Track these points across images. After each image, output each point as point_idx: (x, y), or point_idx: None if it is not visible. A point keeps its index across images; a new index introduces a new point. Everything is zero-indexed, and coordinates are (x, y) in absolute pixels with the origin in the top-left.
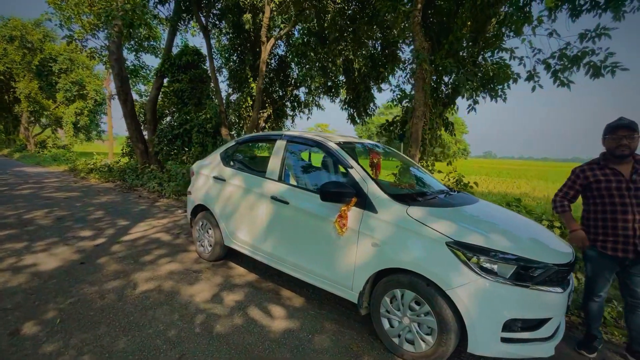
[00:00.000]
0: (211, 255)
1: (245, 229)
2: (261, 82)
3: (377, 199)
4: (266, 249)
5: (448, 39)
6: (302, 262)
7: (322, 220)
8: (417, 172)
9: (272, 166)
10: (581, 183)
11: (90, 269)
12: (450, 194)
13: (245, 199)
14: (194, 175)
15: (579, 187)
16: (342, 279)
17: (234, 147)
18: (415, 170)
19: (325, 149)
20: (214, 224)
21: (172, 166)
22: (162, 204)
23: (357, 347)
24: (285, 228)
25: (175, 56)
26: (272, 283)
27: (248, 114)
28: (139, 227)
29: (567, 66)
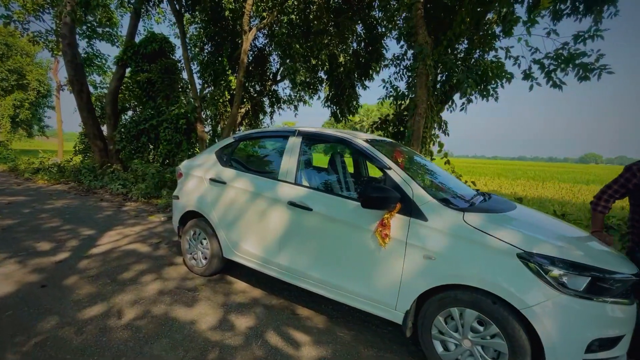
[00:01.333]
0: (206, 270)
1: (252, 239)
2: (242, 74)
3: (425, 204)
4: (282, 263)
5: (446, 35)
6: (330, 278)
7: (357, 230)
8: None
9: (286, 167)
10: (636, 182)
11: (55, 294)
12: (486, 198)
13: (253, 205)
14: (183, 177)
15: (632, 186)
16: (384, 296)
17: (233, 145)
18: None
19: (353, 147)
20: (210, 234)
21: (139, 165)
22: (130, 209)
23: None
24: (308, 238)
25: (140, 44)
26: (283, 299)
27: (225, 109)
28: (109, 236)
29: (561, 67)
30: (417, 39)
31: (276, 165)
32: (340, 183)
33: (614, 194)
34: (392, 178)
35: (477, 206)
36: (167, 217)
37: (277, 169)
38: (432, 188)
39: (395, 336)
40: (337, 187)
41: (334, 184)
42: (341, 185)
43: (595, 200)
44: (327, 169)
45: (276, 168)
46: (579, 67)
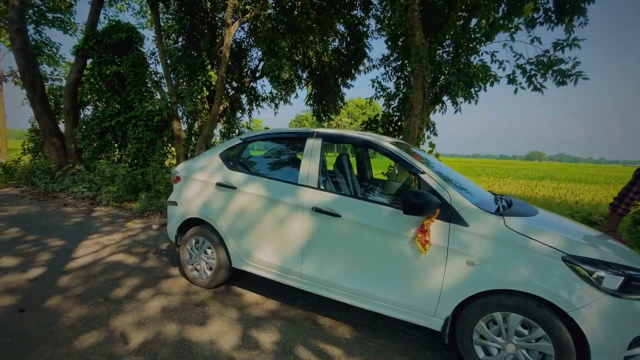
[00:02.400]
0: (212, 281)
1: (269, 248)
2: (224, 70)
3: (465, 209)
4: (306, 272)
5: (437, 37)
6: (361, 287)
7: (392, 236)
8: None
9: (306, 170)
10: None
11: (40, 319)
12: (508, 201)
13: (270, 211)
14: (181, 181)
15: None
16: (422, 304)
17: (240, 147)
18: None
19: (381, 151)
20: (217, 242)
21: (106, 166)
22: (101, 214)
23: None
24: (336, 246)
25: (103, 33)
26: (300, 309)
27: (204, 106)
28: (85, 247)
29: (541, 72)
30: (413, 40)
31: (293, 169)
32: (371, 187)
33: (635, 196)
34: (428, 183)
35: (511, 210)
36: (161, 225)
37: (296, 173)
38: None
39: (425, 342)
40: (366, 192)
41: (362, 189)
42: (371, 190)
43: (616, 202)
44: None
45: (294, 172)
46: (557, 73)
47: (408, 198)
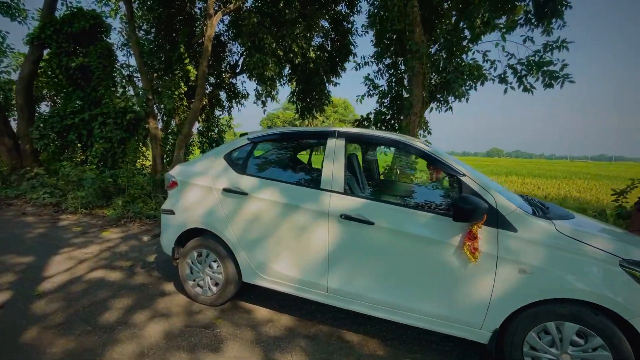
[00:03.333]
0: (218, 298)
1: (287, 260)
2: (205, 64)
3: (512, 214)
4: (332, 285)
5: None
6: (396, 300)
7: (434, 245)
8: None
9: (330, 174)
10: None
11: (17, 357)
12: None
13: (288, 219)
14: (178, 186)
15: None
16: (468, 316)
17: (248, 148)
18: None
19: (415, 151)
20: (224, 255)
21: (71, 169)
22: (70, 223)
23: None
24: (368, 256)
25: (63, 20)
26: (321, 324)
27: (181, 102)
28: (57, 264)
29: (532, 72)
30: (413, 37)
31: (312, 172)
32: (405, 191)
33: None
34: (470, 186)
35: (554, 213)
36: (153, 236)
37: (316, 176)
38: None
39: (461, 353)
40: (401, 196)
41: (396, 193)
42: (406, 195)
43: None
44: (382, 175)
45: (313, 175)
46: (546, 75)
47: (459, 204)
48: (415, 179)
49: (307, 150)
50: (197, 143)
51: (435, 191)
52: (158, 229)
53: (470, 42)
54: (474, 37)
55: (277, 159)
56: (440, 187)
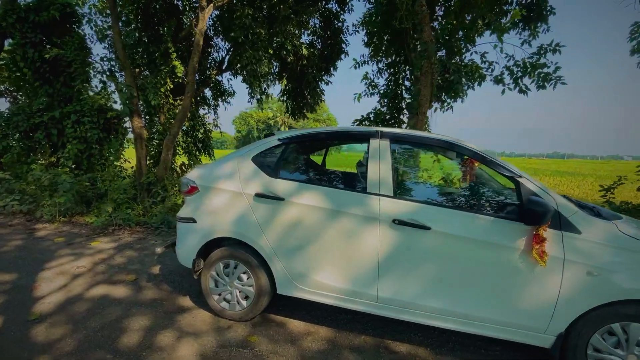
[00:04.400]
0: (249, 312)
1: (332, 269)
2: (196, 59)
3: (574, 215)
4: (383, 294)
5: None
6: (455, 307)
7: (500, 249)
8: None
9: (376, 176)
10: None
11: None
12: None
13: (333, 226)
14: (199, 192)
15: None
16: (532, 321)
17: (279, 149)
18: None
19: (469, 153)
20: (255, 265)
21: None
22: (50, 233)
23: None
24: (423, 263)
25: (28, 8)
26: (363, 335)
27: (167, 100)
28: (47, 281)
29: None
30: (422, 36)
31: (354, 175)
32: (459, 194)
33: None
34: (529, 188)
35: (609, 214)
36: (167, 247)
37: (359, 179)
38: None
39: (511, 357)
40: (449, 198)
41: (445, 196)
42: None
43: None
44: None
45: (356, 178)
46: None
47: (531, 206)
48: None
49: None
50: (181, 143)
51: (488, 193)
52: (171, 239)
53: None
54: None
55: (312, 160)
56: (492, 188)
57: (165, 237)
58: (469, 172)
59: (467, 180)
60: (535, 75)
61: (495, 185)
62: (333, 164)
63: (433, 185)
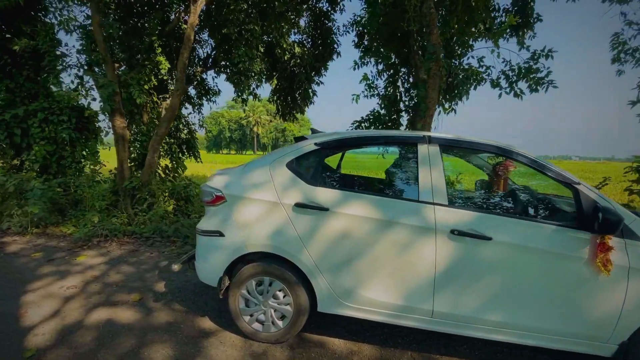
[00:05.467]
0: (286, 334)
1: (383, 283)
2: (187, 55)
3: (635, 222)
4: (440, 309)
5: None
6: (517, 320)
7: (564, 259)
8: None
9: (428, 184)
10: None
11: None
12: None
13: (385, 237)
14: (226, 201)
15: None
16: (594, 330)
17: (317, 154)
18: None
19: (525, 160)
20: (293, 282)
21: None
22: (23, 248)
23: None
24: (483, 275)
25: None
26: (409, 351)
27: (151, 98)
28: (35, 306)
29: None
30: (430, 39)
31: (403, 182)
32: (517, 202)
33: None
34: (588, 195)
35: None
36: (184, 262)
37: (409, 187)
38: None
39: None
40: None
41: (507, 204)
42: (521, 205)
43: None
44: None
45: (406, 186)
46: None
47: (605, 215)
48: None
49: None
50: (163, 145)
51: (544, 200)
52: (189, 253)
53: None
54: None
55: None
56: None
57: (160, 248)
58: (503, 179)
59: (500, 188)
60: (531, 80)
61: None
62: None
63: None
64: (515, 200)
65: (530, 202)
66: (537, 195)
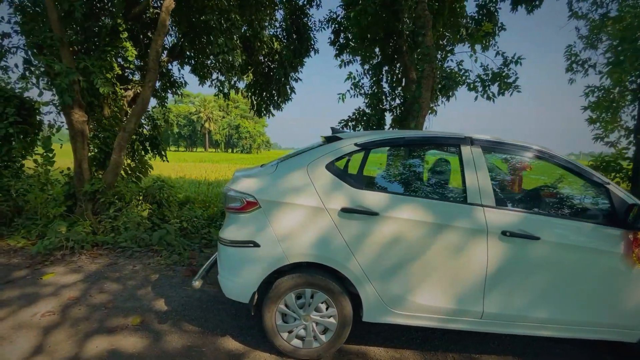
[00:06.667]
0: (329, 348)
1: (433, 288)
2: (161, 42)
3: None
4: (490, 310)
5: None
6: (561, 315)
7: (603, 255)
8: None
9: (475, 186)
10: None
11: None
12: None
13: (437, 241)
14: (259, 207)
15: None
16: (623, 319)
17: (359, 156)
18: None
19: (556, 162)
20: (338, 292)
21: None
22: None
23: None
24: (531, 274)
25: None
26: (448, 352)
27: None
28: (8, 342)
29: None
30: (425, 40)
31: (448, 184)
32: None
33: None
34: (617, 194)
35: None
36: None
37: (454, 189)
38: None
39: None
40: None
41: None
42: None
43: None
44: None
45: (450, 188)
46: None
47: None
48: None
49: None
50: None
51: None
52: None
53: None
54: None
55: (398, 168)
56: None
57: (142, 260)
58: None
59: (516, 188)
60: (504, 85)
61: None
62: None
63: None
64: (554, 200)
65: (567, 201)
66: (572, 195)
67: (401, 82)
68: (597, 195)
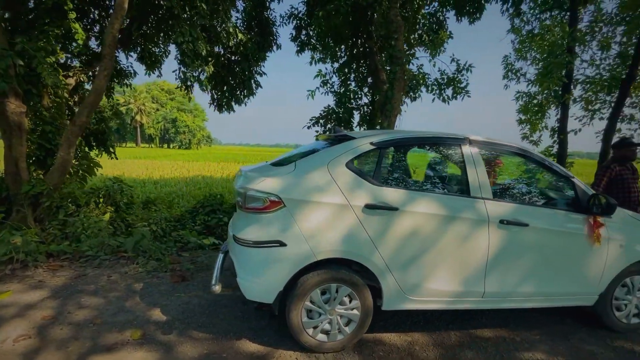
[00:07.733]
0: (352, 338)
1: (444, 274)
2: (118, 25)
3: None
4: (490, 289)
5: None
6: (543, 288)
7: (571, 236)
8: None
9: (476, 181)
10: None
11: None
12: None
13: (448, 232)
14: (284, 207)
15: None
16: (586, 287)
17: (376, 154)
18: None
19: (534, 160)
20: (361, 284)
21: None
22: None
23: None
24: (522, 255)
25: None
26: (451, 330)
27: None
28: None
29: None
30: (397, 44)
31: (453, 180)
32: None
33: None
34: (580, 186)
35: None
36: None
37: (458, 184)
38: None
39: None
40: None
41: (529, 195)
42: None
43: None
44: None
45: (456, 183)
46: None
47: (609, 202)
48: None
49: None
50: None
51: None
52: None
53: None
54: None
55: (411, 166)
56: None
57: (115, 268)
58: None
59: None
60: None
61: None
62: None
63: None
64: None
65: (545, 193)
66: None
67: (366, 81)
68: (566, 187)
